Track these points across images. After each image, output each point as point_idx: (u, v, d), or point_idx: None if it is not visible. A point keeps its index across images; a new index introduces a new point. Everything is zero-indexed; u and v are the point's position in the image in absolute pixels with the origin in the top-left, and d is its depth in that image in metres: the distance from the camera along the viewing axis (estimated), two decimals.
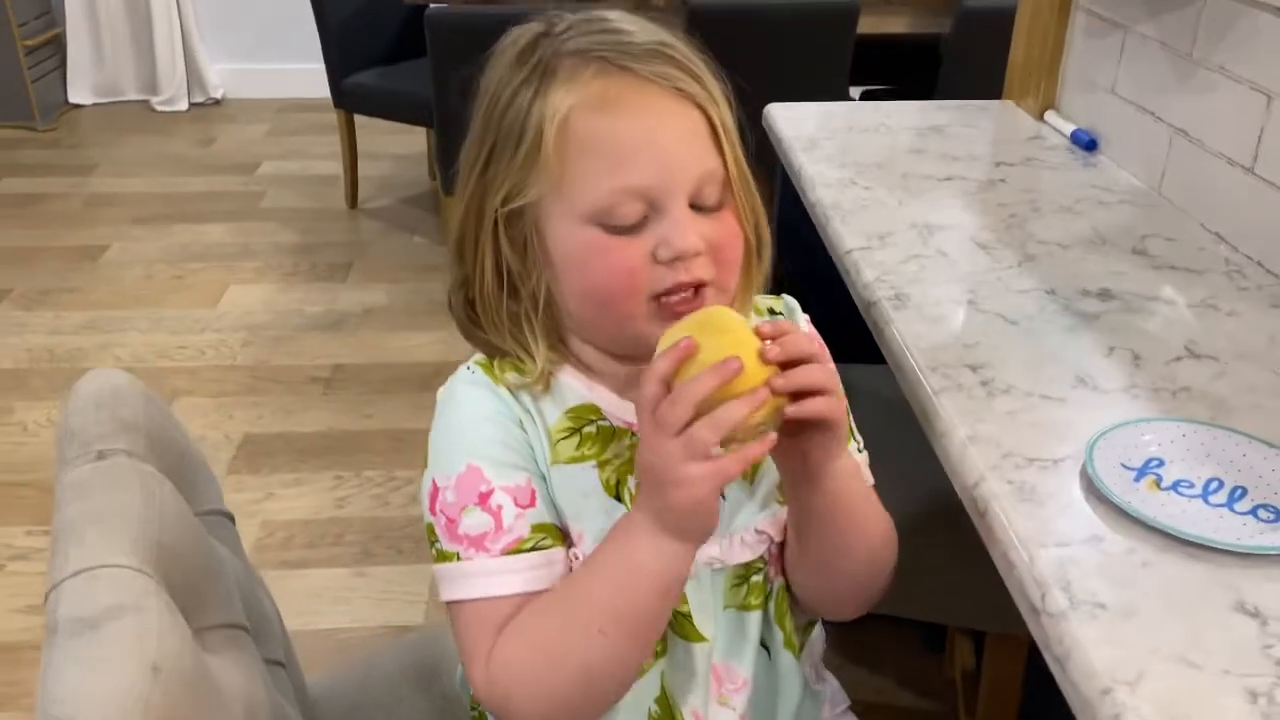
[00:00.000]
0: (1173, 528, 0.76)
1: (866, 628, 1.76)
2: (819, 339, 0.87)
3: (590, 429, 0.78)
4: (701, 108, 0.75)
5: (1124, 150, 1.50)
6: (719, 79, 0.78)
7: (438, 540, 0.76)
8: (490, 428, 0.77)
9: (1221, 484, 0.83)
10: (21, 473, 2.26)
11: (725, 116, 0.77)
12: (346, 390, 2.59)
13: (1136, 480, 0.82)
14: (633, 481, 0.77)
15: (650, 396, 0.67)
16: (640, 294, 0.73)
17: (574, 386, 0.79)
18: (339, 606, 1.93)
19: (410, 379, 2.63)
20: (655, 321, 0.73)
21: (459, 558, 0.75)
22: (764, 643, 0.86)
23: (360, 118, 3.46)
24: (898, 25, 3.05)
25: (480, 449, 0.76)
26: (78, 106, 4.55)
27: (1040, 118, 1.69)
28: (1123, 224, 1.32)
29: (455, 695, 1.08)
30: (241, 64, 4.69)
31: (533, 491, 0.76)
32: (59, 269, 3.15)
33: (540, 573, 0.75)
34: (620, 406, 0.79)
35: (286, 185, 3.83)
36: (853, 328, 1.15)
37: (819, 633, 0.93)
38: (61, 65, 4.49)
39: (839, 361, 0.89)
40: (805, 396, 0.68)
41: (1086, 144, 1.56)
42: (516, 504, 0.75)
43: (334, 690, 1.08)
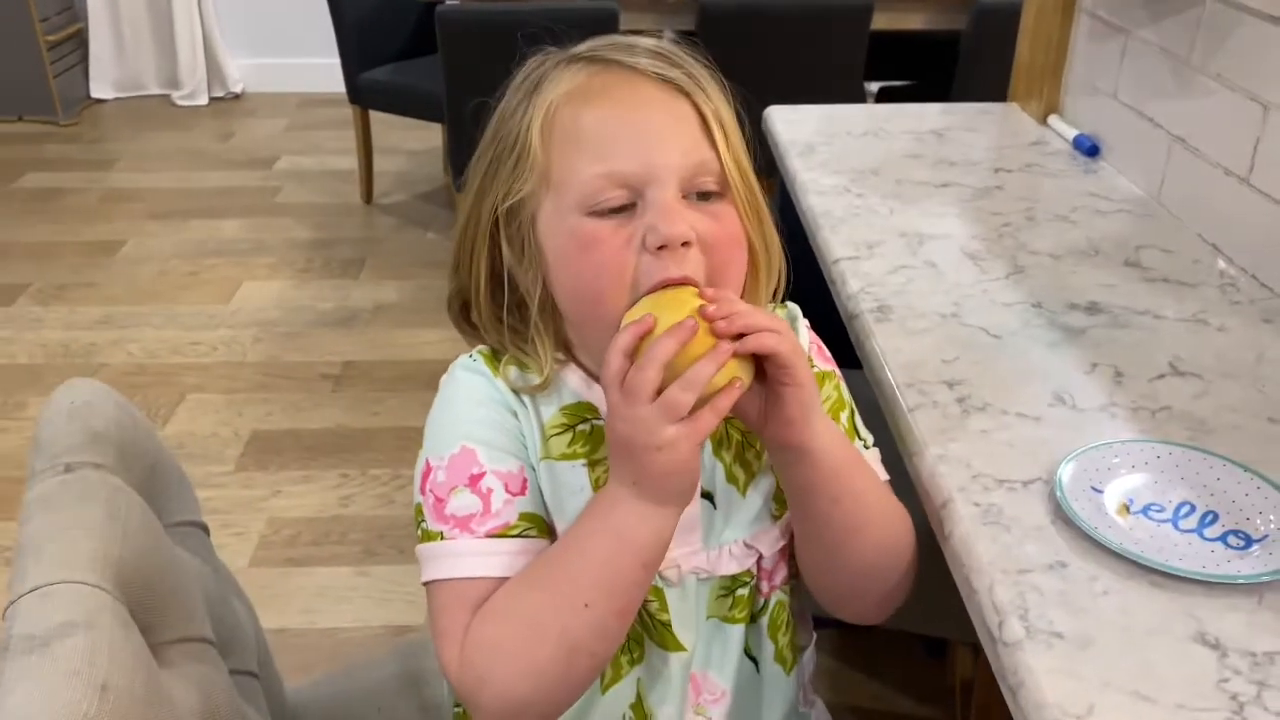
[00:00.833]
0: (1137, 554, 0.75)
1: (866, 632, 1.76)
2: (822, 347, 0.87)
3: (584, 427, 0.78)
4: (690, 97, 0.74)
5: (1125, 157, 1.47)
6: (716, 76, 0.77)
7: (424, 520, 0.76)
8: (486, 411, 0.77)
9: (1193, 508, 0.81)
10: None
11: (720, 110, 0.76)
12: (355, 387, 2.60)
13: (1105, 504, 0.81)
14: None
15: (617, 368, 0.67)
16: (626, 287, 0.72)
17: (573, 383, 0.79)
18: (341, 606, 1.94)
19: (419, 376, 2.64)
20: None
21: (443, 537, 0.74)
22: (751, 655, 0.86)
23: (377, 113, 3.47)
24: (914, 21, 3.02)
25: (476, 432, 0.76)
26: (100, 101, 4.59)
27: (1044, 122, 1.66)
28: (1118, 234, 1.30)
29: (438, 704, 1.09)
30: (261, 58, 4.71)
31: (524, 480, 0.76)
32: (76, 264, 3.19)
33: (523, 560, 0.74)
34: None
35: (303, 180, 3.85)
36: None
37: (810, 655, 0.92)
38: (83, 60, 4.53)
39: (845, 368, 0.88)
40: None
41: (1089, 150, 1.53)
42: (507, 490, 0.75)
43: (314, 699, 1.09)
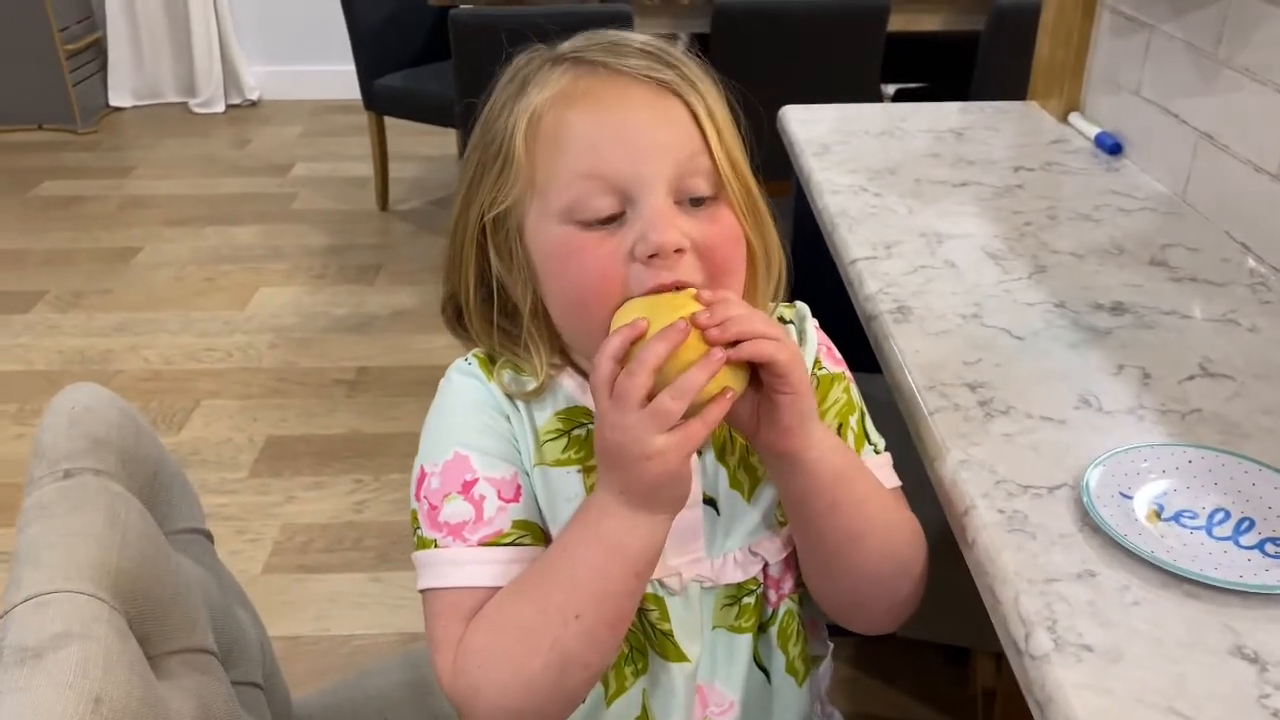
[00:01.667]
0: (1170, 563, 0.72)
1: (884, 639, 1.73)
2: (832, 348, 0.84)
3: (579, 432, 0.76)
4: (679, 94, 0.71)
5: (1148, 154, 1.44)
6: (710, 73, 0.74)
7: (420, 527, 0.75)
8: (479, 416, 0.76)
9: (1228, 515, 0.78)
10: None
11: (713, 107, 0.73)
12: (370, 393, 2.59)
13: (1135, 511, 0.78)
14: None
15: (606, 374, 0.65)
16: (616, 297, 0.69)
17: (568, 388, 0.77)
18: (354, 612, 1.93)
19: (433, 381, 2.57)
20: None
21: (436, 545, 0.73)
22: (761, 666, 0.83)
23: (392, 119, 3.47)
24: (931, 23, 3.00)
25: (470, 438, 0.75)
26: (118, 109, 4.61)
27: (1064, 120, 1.63)
28: (1143, 232, 1.26)
29: (447, 714, 1.07)
30: (278, 65, 4.72)
31: (518, 486, 0.74)
32: (93, 271, 3.19)
33: (516, 568, 0.72)
34: None
35: (319, 187, 3.85)
36: None
37: (827, 666, 0.90)
38: (102, 69, 4.55)
39: (859, 371, 0.86)
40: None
41: (1111, 148, 1.50)
42: (500, 497, 0.73)
43: (320, 708, 1.07)
